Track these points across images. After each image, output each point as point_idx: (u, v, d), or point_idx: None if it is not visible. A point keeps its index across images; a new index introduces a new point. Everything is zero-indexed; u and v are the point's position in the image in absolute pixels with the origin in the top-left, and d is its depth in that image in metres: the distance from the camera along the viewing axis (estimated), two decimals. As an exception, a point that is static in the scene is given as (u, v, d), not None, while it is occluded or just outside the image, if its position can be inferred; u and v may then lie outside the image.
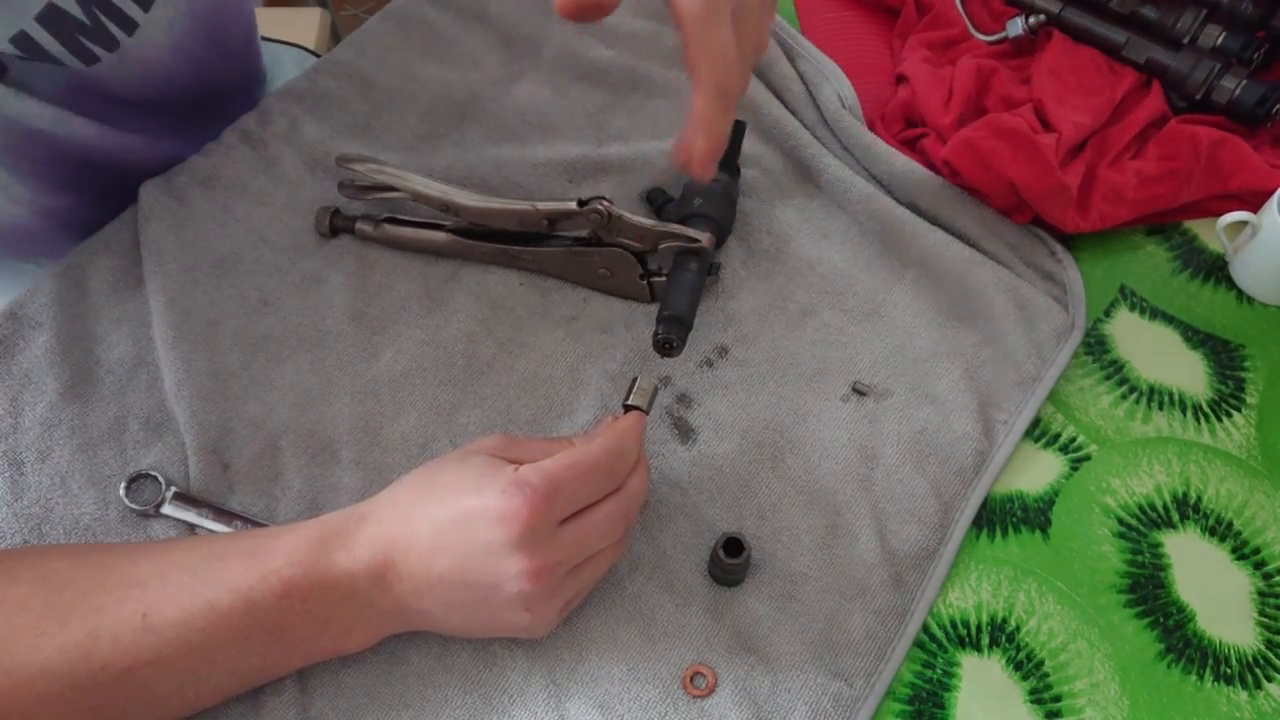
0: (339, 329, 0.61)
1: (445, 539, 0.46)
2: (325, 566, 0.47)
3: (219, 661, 0.47)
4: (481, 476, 0.47)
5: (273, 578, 0.46)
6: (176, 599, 0.45)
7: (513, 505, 0.45)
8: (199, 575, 0.46)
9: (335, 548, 0.47)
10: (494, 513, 0.45)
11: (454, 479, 0.48)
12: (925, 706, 0.53)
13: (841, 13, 0.78)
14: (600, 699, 0.51)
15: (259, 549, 0.48)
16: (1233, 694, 0.53)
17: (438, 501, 0.47)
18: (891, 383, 0.61)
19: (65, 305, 0.61)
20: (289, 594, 0.46)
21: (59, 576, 0.46)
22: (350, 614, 0.48)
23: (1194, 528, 0.58)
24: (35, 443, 0.57)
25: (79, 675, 0.44)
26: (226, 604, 0.46)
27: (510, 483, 0.45)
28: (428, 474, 0.49)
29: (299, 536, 0.48)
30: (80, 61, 0.58)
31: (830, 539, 0.56)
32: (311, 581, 0.47)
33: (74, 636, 0.44)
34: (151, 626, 0.45)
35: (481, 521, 0.45)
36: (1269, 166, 0.67)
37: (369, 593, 0.47)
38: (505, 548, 0.45)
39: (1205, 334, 0.65)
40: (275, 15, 1.25)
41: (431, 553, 0.46)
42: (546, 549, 0.46)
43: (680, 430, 0.59)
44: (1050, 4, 0.71)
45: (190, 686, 0.47)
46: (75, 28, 0.57)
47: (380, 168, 0.61)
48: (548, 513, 0.45)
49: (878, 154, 0.68)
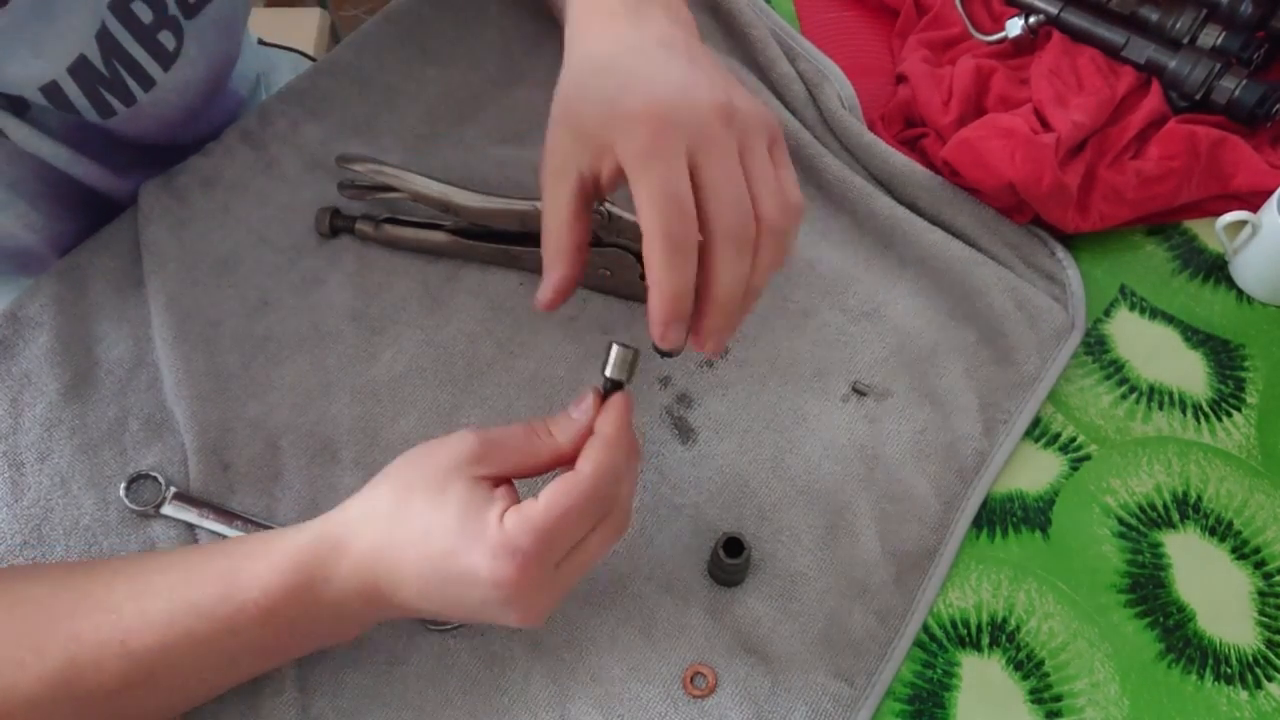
0: (339, 329, 0.61)
1: (432, 591, 0.44)
2: (309, 600, 0.45)
3: (206, 676, 0.47)
4: (465, 523, 0.42)
5: (251, 608, 0.44)
6: (153, 626, 0.44)
7: (505, 572, 0.41)
8: (173, 601, 0.45)
9: (317, 581, 0.45)
10: (485, 578, 0.42)
11: (438, 526, 0.43)
12: (925, 706, 0.53)
13: (841, 13, 0.78)
14: (600, 699, 0.51)
15: (234, 574, 0.45)
16: (1233, 694, 0.53)
17: (418, 550, 0.43)
18: (891, 383, 0.61)
19: (65, 305, 0.61)
20: (271, 621, 0.45)
21: (34, 604, 0.45)
22: (343, 624, 0.47)
23: (1194, 527, 0.58)
24: (35, 443, 0.57)
25: (60, 703, 0.43)
26: (206, 631, 0.44)
27: (500, 546, 0.41)
28: (403, 503, 0.45)
29: (273, 567, 0.45)
30: (98, 114, 0.58)
31: (830, 539, 0.56)
32: (294, 610, 0.45)
33: (53, 665, 0.43)
34: (131, 652, 0.44)
35: (472, 584, 0.42)
36: (1269, 166, 0.67)
37: (359, 611, 0.46)
38: (497, 607, 0.43)
39: (1205, 334, 0.65)
40: (275, 16, 1.25)
41: (420, 596, 0.44)
42: (542, 594, 0.43)
43: (680, 430, 0.59)
44: (1050, 4, 0.71)
45: (180, 700, 0.47)
46: (99, 80, 0.57)
47: (380, 168, 0.61)
48: (540, 570, 0.42)
49: (878, 154, 0.68)
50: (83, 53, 0.55)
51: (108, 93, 0.58)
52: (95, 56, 0.56)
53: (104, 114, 0.59)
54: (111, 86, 0.58)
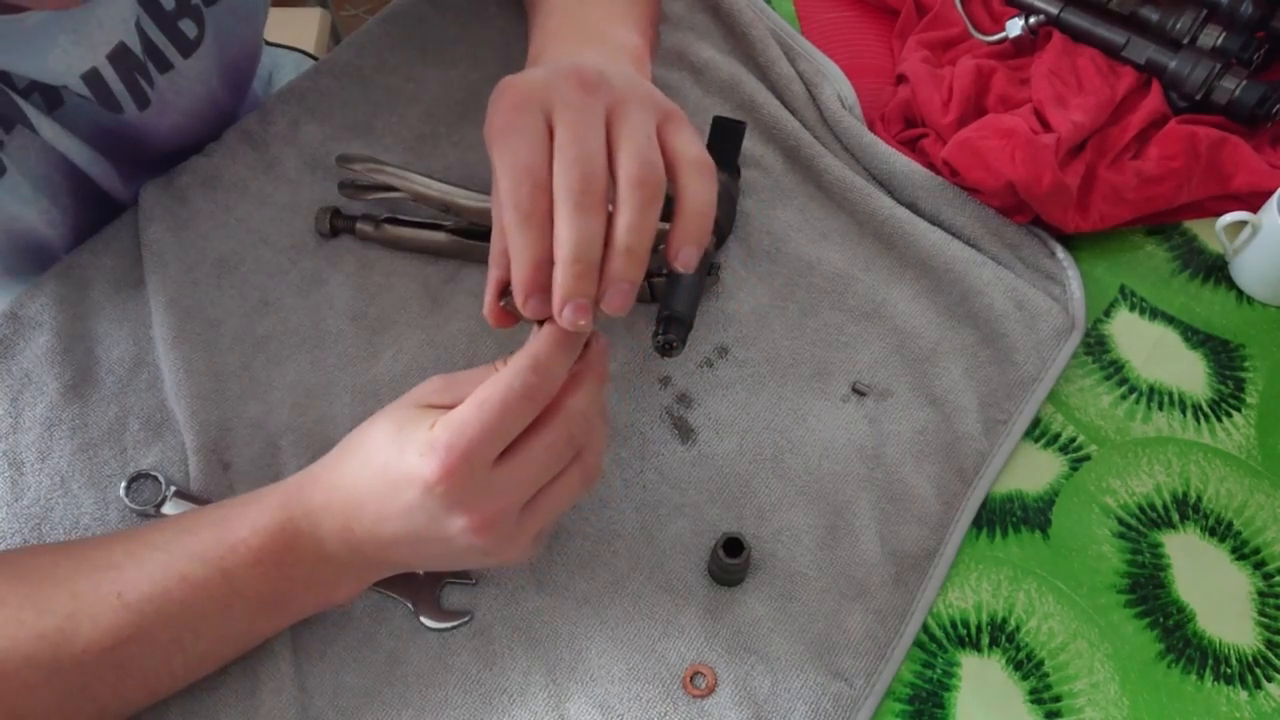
0: (339, 329, 0.61)
1: (383, 506, 0.45)
2: (291, 533, 0.47)
3: (203, 630, 0.47)
4: (402, 435, 0.44)
5: (241, 547, 0.46)
6: (150, 575, 0.45)
7: (429, 468, 0.42)
8: (170, 551, 0.46)
9: (297, 514, 0.47)
10: (416, 479, 0.43)
11: (380, 440, 0.45)
12: (925, 706, 0.53)
13: (842, 13, 0.78)
14: (600, 699, 0.51)
15: (226, 519, 0.47)
16: (1233, 694, 0.53)
17: (365, 465, 0.46)
18: (891, 383, 0.61)
19: (65, 305, 0.61)
20: (262, 561, 0.46)
21: (36, 571, 0.46)
22: (330, 572, 0.48)
23: (1194, 528, 0.58)
24: (35, 443, 0.57)
25: (62, 660, 0.44)
26: (201, 575, 0.46)
27: (424, 444, 0.43)
28: (362, 431, 0.47)
29: (262, 505, 0.47)
30: (135, 104, 0.59)
31: (830, 539, 0.56)
32: (282, 549, 0.46)
33: (53, 622, 0.44)
34: (128, 604, 0.45)
35: (408, 489, 0.43)
36: (1269, 166, 0.67)
37: (340, 553, 0.47)
38: (438, 509, 0.43)
39: (1205, 334, 0.65)
40: (275, 16, 1.24)
41: (376, 519, 0.45)
42: (483, 499, 0.43)
43: (680, 430, 0.59)
44: (1050, 4, 0.71)
45: (178, 657, 0.47)
46: (136, 68, 0.58)
47: (380, 168, 0.61)
48: (466, 466, 0.42)
49: (878, 154, 0.68)
50: (123, 40, 0.56)
51: (143, 80, 0.59)
52: (135, 44, 0.57)
53: (141, 104, 0.60)
54: (145, 74, 0.59)
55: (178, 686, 0.49)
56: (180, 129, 0.66)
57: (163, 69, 0.61)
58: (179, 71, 0.62)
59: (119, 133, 0.62)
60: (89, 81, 0.56)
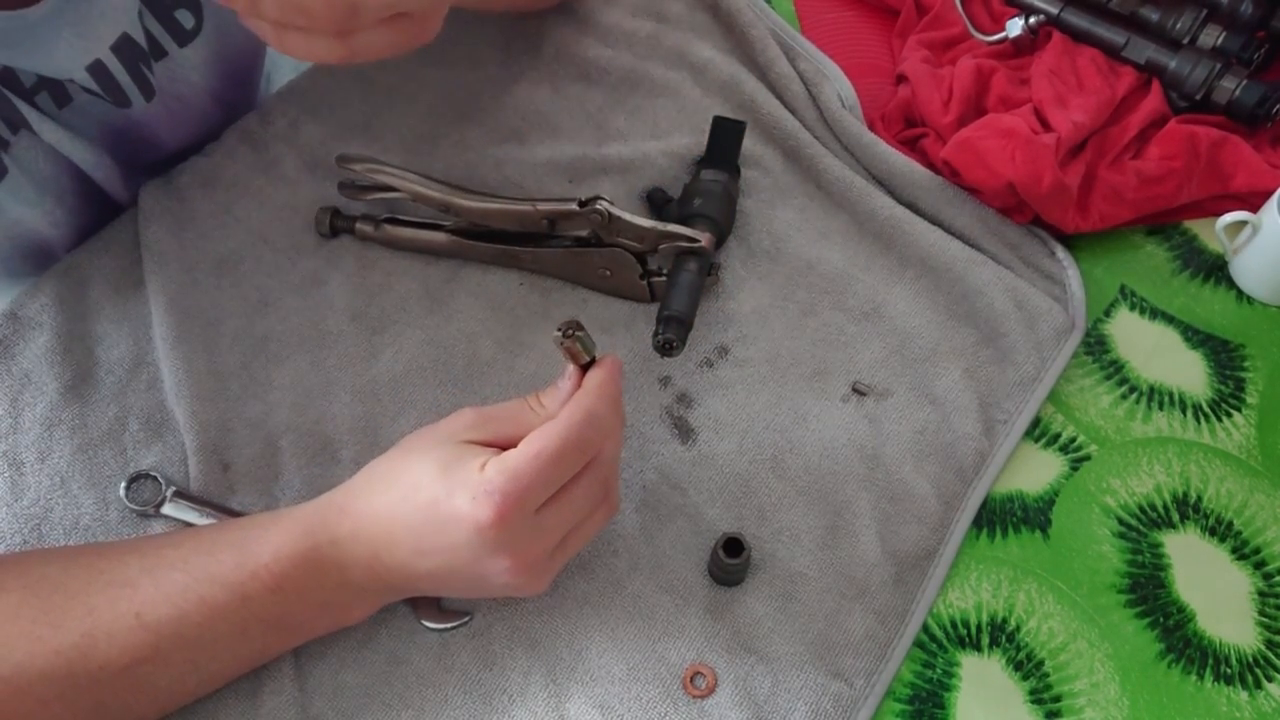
0: (339, 329, 0.61)
1: (424, 543, 0.46)
2: (316, 561, 0.47)
3: (218, 652, 0.47)
4: (450, 475, 0.45)
5: (263, 573, 0.46)
6: (169, 596, 0.45)
7: (484, 514, 0.44)
8: (188, 572, 0.46)
9: (322, 543, 0.47)
10: (467, 522, 0.44)
11: (425, 477, 0.46)
12: (925, 706, 0.53)
13: (842, 13, 0.78)
14: (600, 699, 0.51)
15: (245, 542, 0.47)
16: (1233, 694, 0.53)
17: (406, 500, 0.46)
18: (891, 383, 0.61)
19: (65, 305, 0.61)
20: (283, 588, 0.47)
21: (49, 581, 0.46)
22: (348, 596, 0.49)
23: (1194, 528, 0.58)
24: (35, 443, 0.57)
25: (78, 676, 0.44)
26: (220, 599, 0.46)
27: (479, 489, 0.44)
28: (397, 464, 0.48)
29: (283, 531, 0.47)
30: (142, 95, 0.60)
31: (830, 539, 0.56)
32: (304, 576, 0.47)
33: (69, 639, 0.44)
34: (146, 625, 0.45)
35: (456, 530, 0.45)
36: (1269, 166, 0.67)
37: (362, 580, 0.48)
38: (484, 551, 0.45)
39: (1205, 334, 0.65)
40: (275, 15, 1.24)
41: (414, 553, 0.46)
42: (526, 542, 0.45)
43: (680, 430, 0.59)
44: (1050, 4, 0.71)
45: (191, 676, 0.47)
46: (140, 58, 0.58)
47: (380, 168, 0.61)
48: (520, 513, 0.44)
49: (878, 154, 0.68)
50: (125, 31, 0.56)
51: (147, 70, 0.59)
52: (139, 35, 0.57)
53: (147, 95, 0.60)
54: (149, 65, 0.59)
55: (187, 702, 0.49)
56: (184, 122, 0.65)
57: (157, 57, 0.61)
58: (173, 59, 0.61)
59: (125, 131, 0.62)
60: (95, 74, 0.56)
